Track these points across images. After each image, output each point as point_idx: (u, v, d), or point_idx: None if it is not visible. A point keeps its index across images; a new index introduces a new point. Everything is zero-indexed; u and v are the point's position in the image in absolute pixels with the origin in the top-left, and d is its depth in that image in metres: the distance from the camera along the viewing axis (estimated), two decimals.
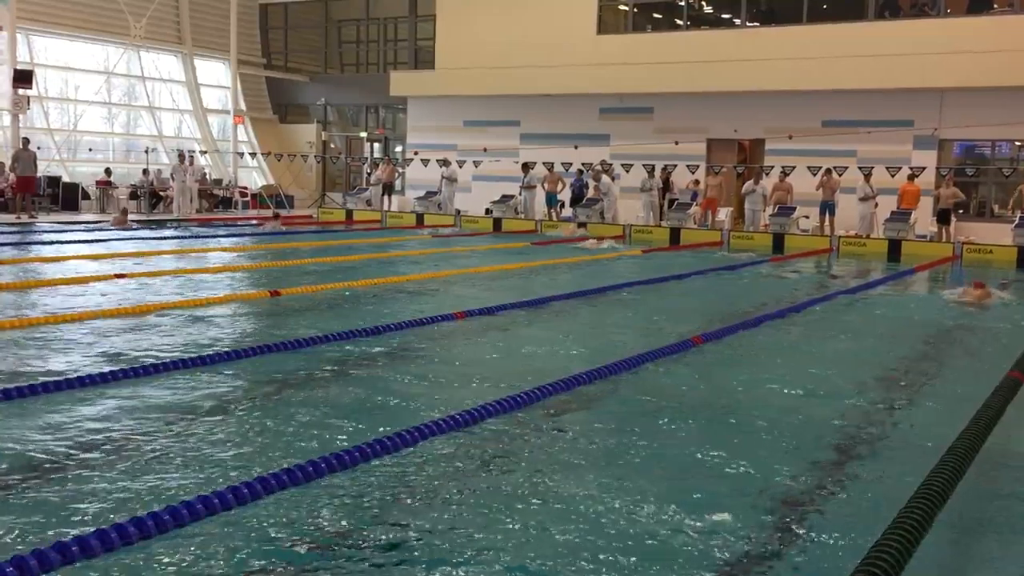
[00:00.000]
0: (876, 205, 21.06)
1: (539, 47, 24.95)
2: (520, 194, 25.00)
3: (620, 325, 9.82)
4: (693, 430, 5.65)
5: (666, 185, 24.44)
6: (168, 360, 6.75)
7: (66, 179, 24.57)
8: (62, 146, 26.36)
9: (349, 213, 26.15)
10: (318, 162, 30.66)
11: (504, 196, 25.24)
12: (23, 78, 22.71)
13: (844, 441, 5.53)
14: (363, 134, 31.79)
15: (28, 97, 23.18)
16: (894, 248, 19.64)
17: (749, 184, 22.47)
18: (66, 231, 18.66)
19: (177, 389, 6.10)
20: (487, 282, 13.10)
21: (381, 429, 5.20)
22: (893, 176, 20.95)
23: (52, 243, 16.18)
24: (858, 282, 14.26)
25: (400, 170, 28.82)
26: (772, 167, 22.61)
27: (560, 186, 24.67)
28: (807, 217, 22.14)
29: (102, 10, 26.82)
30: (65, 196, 23.93)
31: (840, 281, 14.99)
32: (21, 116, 23.10)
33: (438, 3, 27.59)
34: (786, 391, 6.83)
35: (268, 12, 32.56)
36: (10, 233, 18.06)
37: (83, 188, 24.73)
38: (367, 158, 30.92)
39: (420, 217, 25.07)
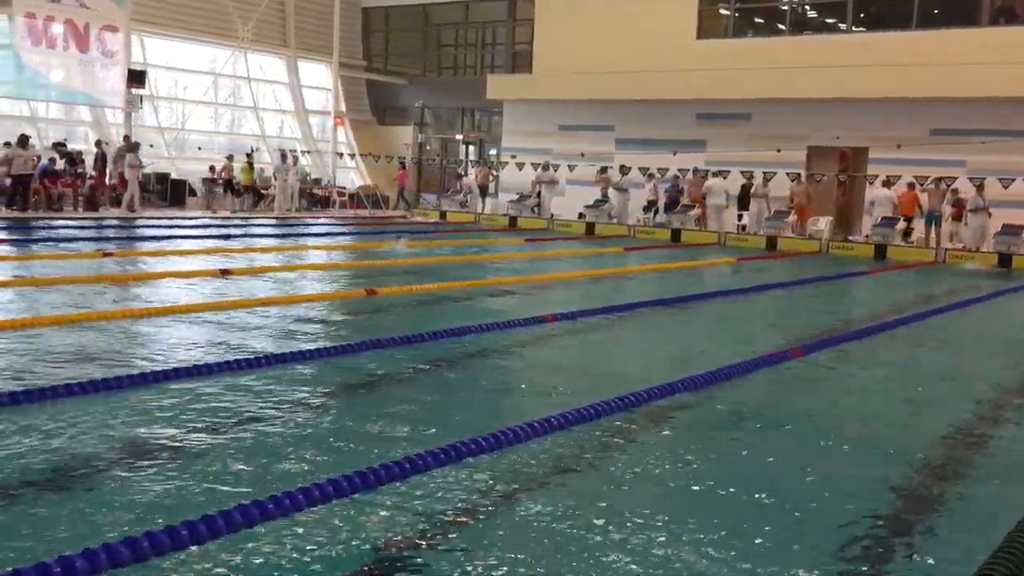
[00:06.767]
0: (990, 215, 20.14)
1: (637, 52, 24.76)
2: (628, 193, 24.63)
3: (714, 334, 9.66)
4: (788, 443, 5.51)
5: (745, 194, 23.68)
6: (271, 353, 6.91)
7: (174, 176, 25.42)
8: (171, 144, 27.32)
9: (443, 214, 26.41)
10: (414, 163, 31.05)
11: (598, 200, 25.12)
12: (137, 78, 23.66)
13: (950, 459, 5.32)
14: (459, 136, 32.06)
15: (141, 96, 24.13)
16: (1004, 262, 18.86)
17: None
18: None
19: (277, 381, 6.23)
20: (578, 286, 13.06)
21: (470, 429, 5.22)
22: (1006, 188, 20.13)
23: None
24: (966, 296, 13.72)
25: (495, 173, 28.98)
26: (876, 176, 21.98)
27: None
28: (912, 228, 21.44)
29: (211, 13, 27.71)
30: (173, 192, 24.76)
31: (945, 295, 14.45)
32: (133, 114, 24.06)
33: (537, 8, 27.66)
34: (886, 406, 6.62)
35: (370, 16, 33.15)
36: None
37: (189, 185, 25.54)
38: (462, 161, 31.19)
39: (513, 220, 25.16)
